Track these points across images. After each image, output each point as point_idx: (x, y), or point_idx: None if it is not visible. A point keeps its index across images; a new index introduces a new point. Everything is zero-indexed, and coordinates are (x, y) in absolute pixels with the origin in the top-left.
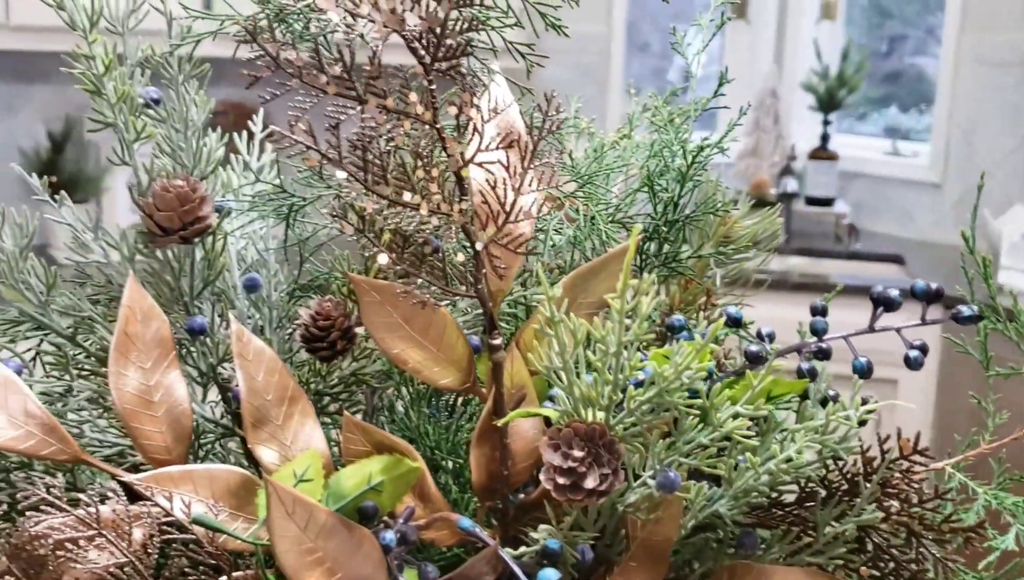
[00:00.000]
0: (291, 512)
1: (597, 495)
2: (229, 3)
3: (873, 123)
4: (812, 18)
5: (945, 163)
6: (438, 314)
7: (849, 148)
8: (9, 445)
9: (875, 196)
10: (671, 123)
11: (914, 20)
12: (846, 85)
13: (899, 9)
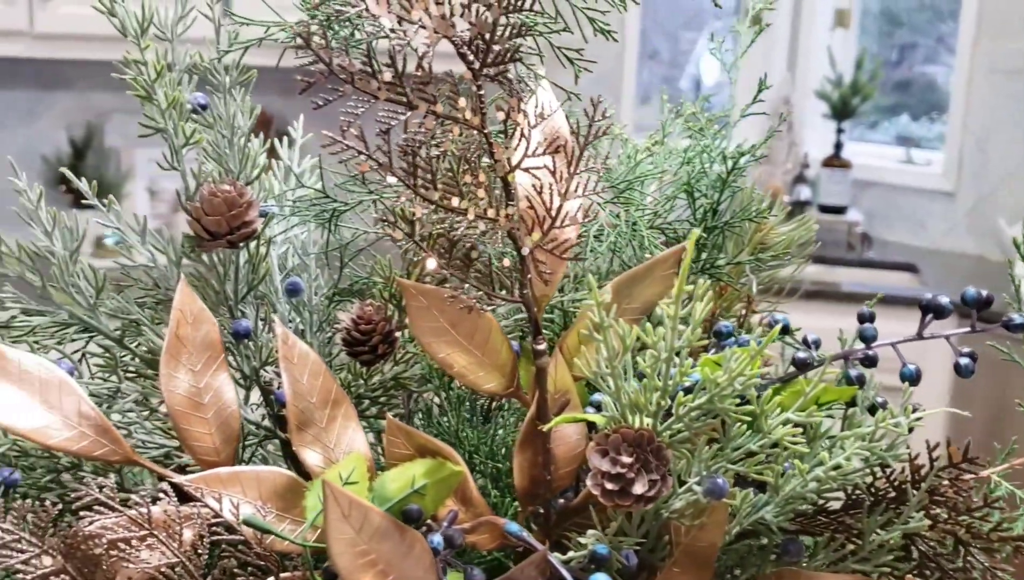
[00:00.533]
0: (347, 514)
1: (645, 501)
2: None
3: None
4: (825, 26)
5: (958, 171)
6: (483, 319)
7: (862, 156)
8: (63, 446)
9: (888, 204)
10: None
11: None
12: (860, 93)
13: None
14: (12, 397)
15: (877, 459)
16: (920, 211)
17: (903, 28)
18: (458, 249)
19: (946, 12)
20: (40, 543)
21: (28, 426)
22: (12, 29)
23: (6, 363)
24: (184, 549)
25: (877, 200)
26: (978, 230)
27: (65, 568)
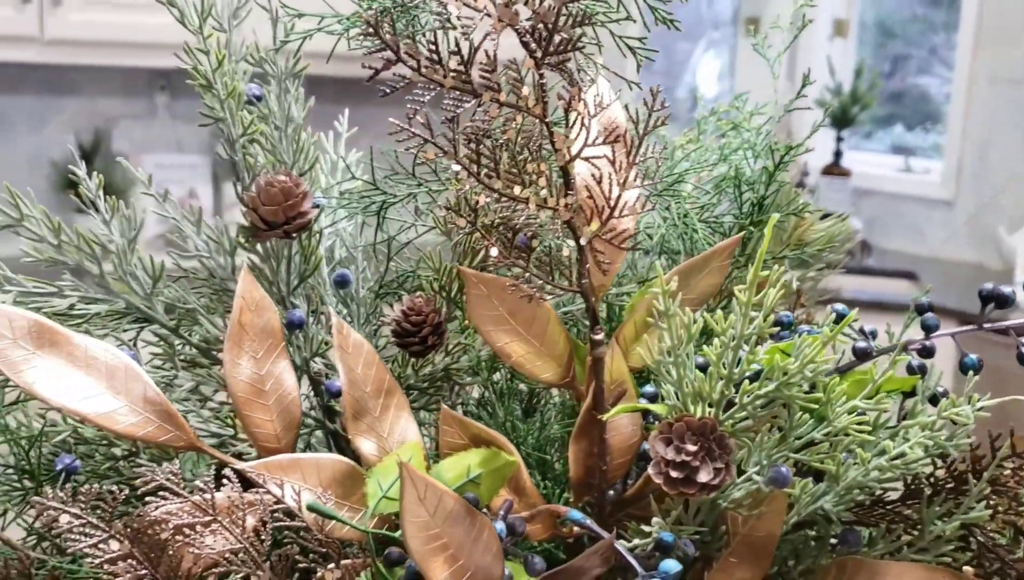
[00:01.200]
0: (423, 497)
1: (709, 490)
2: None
3: (879, 141)
4: (824, 36)
5: (957, 180)
6: (542, 309)
7: (861, 165)
8: (129, 431)
9: (887, 212)
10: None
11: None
12: (859, 102)
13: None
14: (80, 383)
15: (938, 449)
16: (919, 219)
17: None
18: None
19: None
20: (107, 528)
21: (96, 411)
22: (23, 35)
23: (73, 349)
24: (247, 535)
25: (877, 208)
26: (977, 238)
27: (132, 553)
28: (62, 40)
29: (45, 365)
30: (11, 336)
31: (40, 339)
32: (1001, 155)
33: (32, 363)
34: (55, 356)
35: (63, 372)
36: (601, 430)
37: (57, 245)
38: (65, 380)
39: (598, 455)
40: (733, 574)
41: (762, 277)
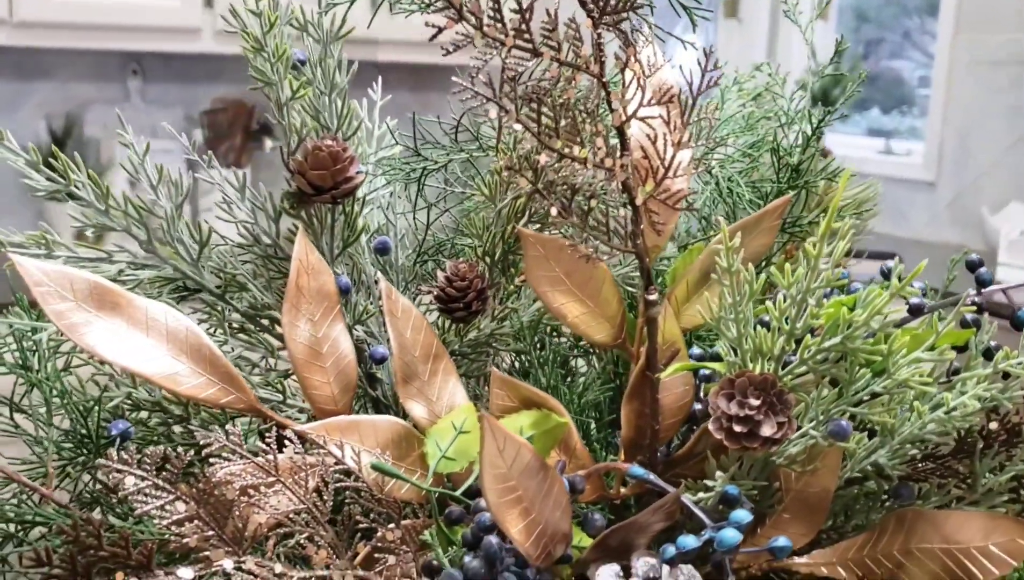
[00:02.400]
0: (502, 448)
1: (771, 443)
2: None
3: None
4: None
5: (939, 162)
6: (597, 269)
7: (842, 147)
8: (192, 393)
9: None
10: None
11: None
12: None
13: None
14: (142, 344)
15: (992, 402)
16: (902, 202)
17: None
18: (577, 199)
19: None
20: (173, 490)
21: (159, 373)
22: None
23: (134, 311)
24: (309, 495)
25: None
26: (960, 220)
27: (198, 514)
28: (32, 22)
29: (106, 327)
30: (72, 298)
31: (101, 301)
32: (983, 137)
33: (94, 325)
34: (116, 318)
35: (125, 334)
36: (654, 390)
37: (104, 210)
38: (127, 342)
39: (651, 415)
40: (787, 530)
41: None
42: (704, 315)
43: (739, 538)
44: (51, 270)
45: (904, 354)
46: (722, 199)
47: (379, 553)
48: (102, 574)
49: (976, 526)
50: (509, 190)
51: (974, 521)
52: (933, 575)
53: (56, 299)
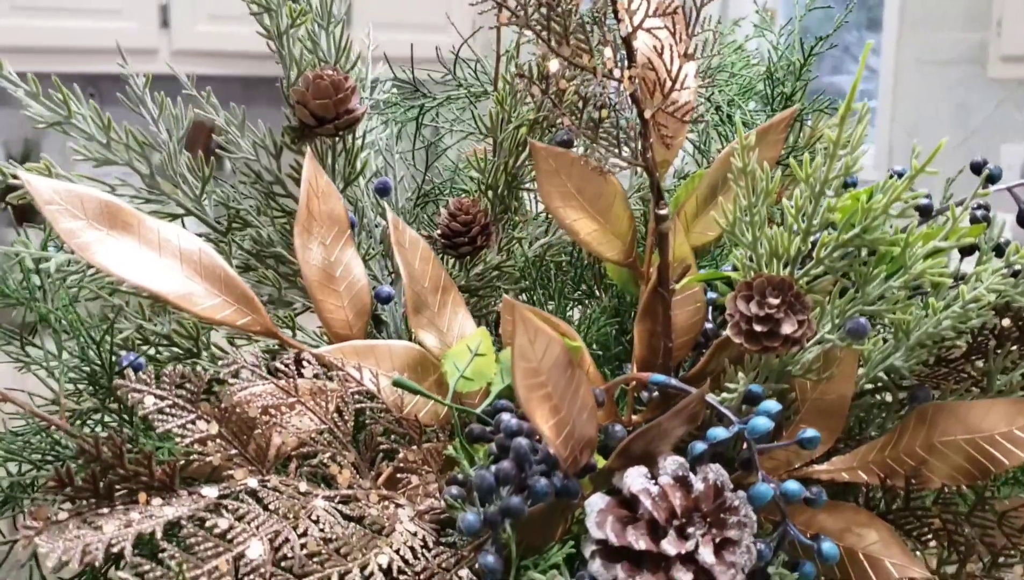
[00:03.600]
0: (532, 340)
1: (792, 343)
2: None
3: None
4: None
5: (889, 161)
6: (608, 185)
7: None
8: (208, 314)
9: None
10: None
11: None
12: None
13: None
14: (156, 264)
15: (1005, 297)
16: None
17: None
18: (588, 109)
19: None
20: (194, 408)
21: (175, 292)
22: None
23: (146, 231)
24: (330, 416)
25: None
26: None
27: (220, 433)
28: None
29: (119, 246)
30: (84, 217)
31: (112, 220)
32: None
33: (105, 244)
34: (128, 237)
35: (137, 253)
36: (666, 308)
37: (106, 143)
38: (140, 261)
39: (663, 333)
40: None
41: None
42: (719, 222)
43: (770, 425)
44: (62, 189)
45: (921, 245)
46: (722, 122)
47: (401, 474)
48: (124, 494)
49: (1000, 413)
50: (512, 119)
51: (997, 408)
52: (957, 467)
53: (67, 217)
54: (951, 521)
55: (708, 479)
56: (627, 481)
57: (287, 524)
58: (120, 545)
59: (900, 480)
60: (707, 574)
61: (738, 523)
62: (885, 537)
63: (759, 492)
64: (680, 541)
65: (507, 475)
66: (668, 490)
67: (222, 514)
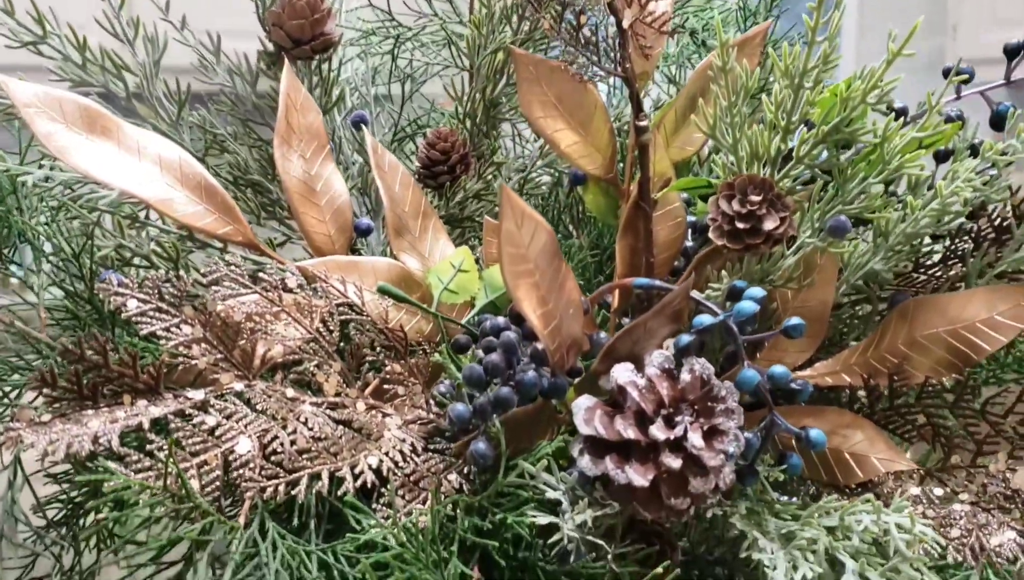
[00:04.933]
0: (520, 225)
1: (773, 240)
2: None
3: None
4: None
5: None
6: (588, 95)
7: None
8: (188, 220)
9: None
10: None
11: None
12: None
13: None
14: (135, 169)
15: (978, 195)
16: None
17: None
18: (567, 15)
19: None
20: (178, 312)
21: (155, 197)
22: None
23: (125, 137)
24: (316, 327)
25: None
26: None
27: (205, 337)
28: None
29: (98, 150)
30: (62, 120)
31: (91, 124)
32: None
33: (84, 148)
34: (107, 141)
35: (117, 158)
36: (647, 223)
37: (82, 65)
38: (120, 165)
39: (645, 249)
40: (788, 348)
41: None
42: (700, 126)
43: (756, 308)
44: (41, 92)
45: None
46: (698, 50)
47: (388, 385)
48: (109, 397)
49: (980, 301)
50: (488, 44)
51: (977, 297)
52: (939, 360)
53: (46, 120)
54: (935, 415)
55: (694, 370)
56: (614, 375)
57: (276, 424)
58: (106, 438)
59: (883, 379)
60: (696, 461)
61: (725, 411)
62: (870, 435)
63: (746, 377)
64: (668, 429)
65: (496, 367)
66: (655, 381)
67: (209, 412)
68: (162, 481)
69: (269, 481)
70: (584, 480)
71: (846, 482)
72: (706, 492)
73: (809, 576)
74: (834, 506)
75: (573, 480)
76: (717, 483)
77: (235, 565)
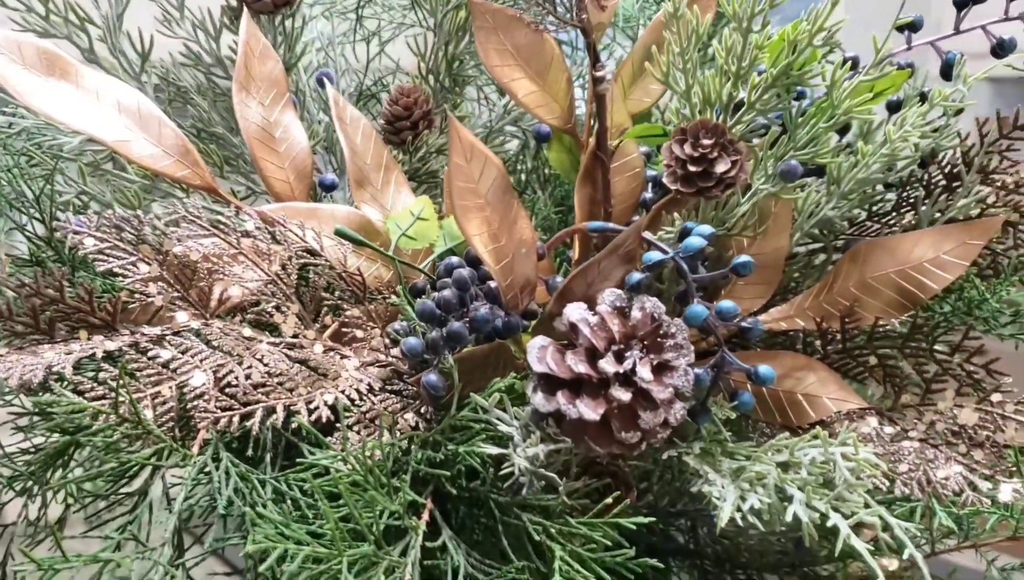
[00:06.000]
0: (469, 158)
1: (726, 185)
2: None
3: None
4: None
5: None
6: (545, 45)
7: None
8: (147, 162)
9: None
10: None
11: None
12: None
13: None
14: (93, 111)
15: (931, 144)
16: None
17: None
18: None
19: None
20: (135, 251)
21: (114, 139)
22: None
23: (83, 80)
24: (274, 270)
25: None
26: None
27: (162, 275)
28: None
29: (57, 92)
30: (20, 62)
31: (50, 66)
32: None
33: (43, 90)
34: (66, 84)
35: (75, 100)
36: (605, 172)
37: (45, 16)
38: (79, 108)
39: (603, 199)
40: (743, 294)
41: None
42: (654, 74)
43: (703, 243)
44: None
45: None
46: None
47: (346, 328)
48: (66, 332)
49: (927, 242)
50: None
51: (925, 238)
52: (889, 301)
53: (4, 61)
54: (886, 356)
55: (645, 308)
56: (566, 313)
57: (231, 360)
58: (60, 367)
59: (835, 322)
60: (645, 395)
61: (675, 346)
62: (823, 377)
63: (694, 312)
64: (617, 363)
65: (448, 302)
66: (606, 318)
67: (165, 347)
68: (114, 407)
69: (223, 412)
70: (538, 417)
71: (799, 423)
72: (656, 427)
73: (756, 506)
74: (784, 443)
75: (527, 416)
76: (667, 418)
77: (186, 491)
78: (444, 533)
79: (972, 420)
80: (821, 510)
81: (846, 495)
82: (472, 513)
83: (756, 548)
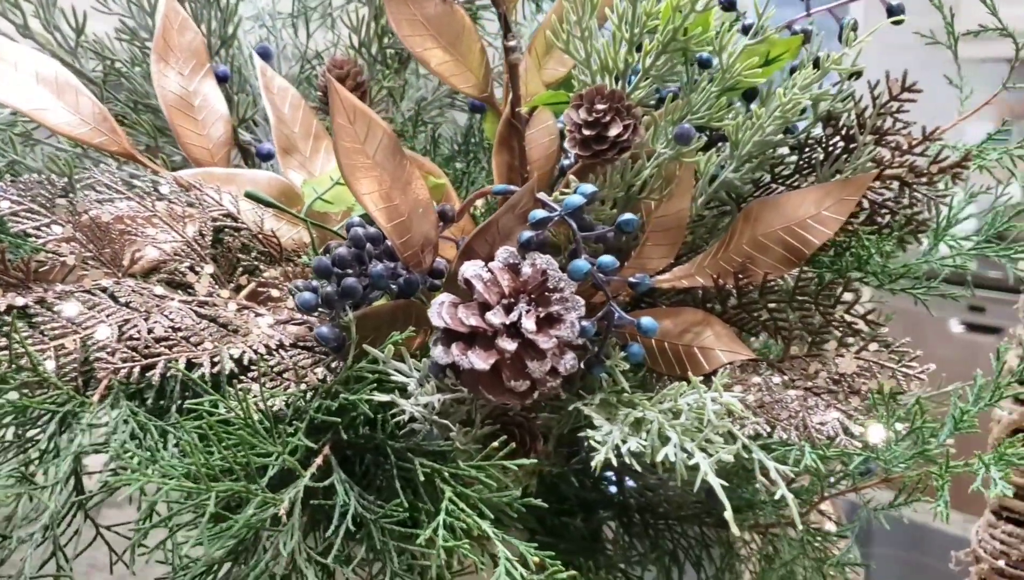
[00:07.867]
0: (352, 120)
1: (620, 148)
2: None
3: None
4: None
5: None
6: (456, 15)
7: None
8: (63, 129)
9: None
10: None
11: None
12: None
13: None
14: (10, 79)
15: (828, 106)
16: None
17: None
18: None
19: None
20: (49, 213)
21: (28, 106)
22: None
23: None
24: (190, 231)
25: None
26: None
27: (76, 236)
28: None
29: None
30: None
31: None
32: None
33: None
34: None
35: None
36: (520, 139)
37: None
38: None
39: (520, 167)
40: (651, 255)
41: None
42: (556, 43)
43: (582, 200)
44: None
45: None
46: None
47: (263, 288)
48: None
49: (811, 199)
50: None
51: (809, 196)
52: (777, 257)
53: None
54: (776, 310)
55: (536, 264)
56: (462, 270)
57: (138, 315)
58: None
59: (730, 279)
60: (531, 345)
61: (561, 299)
62: (718, 331)
63: (576, 266)
64: (505, 315)
65: (343, 259)
66: (497, 274)
67: (72, 302)
68: (10, 358)
69: (124, 363)
70: (437, 369)
71: (695, 373)
72: (544, 375)
73: (634, 449)
74: (670, 392)
75: (426, 368)
76: (555, 366)
77: (83, 433)
78: (334, 475)
79: (851, 369)
80: (689, 450)
81: (712, 437)
82: (378, 461)
83: (675, 499)
